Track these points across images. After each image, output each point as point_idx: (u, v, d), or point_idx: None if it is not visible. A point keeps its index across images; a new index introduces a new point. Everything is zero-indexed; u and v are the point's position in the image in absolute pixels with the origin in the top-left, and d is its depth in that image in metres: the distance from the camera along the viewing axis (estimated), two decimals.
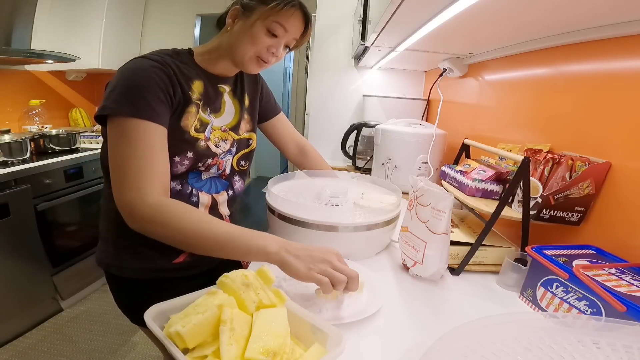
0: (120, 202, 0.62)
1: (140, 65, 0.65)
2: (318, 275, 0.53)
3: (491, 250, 0.76)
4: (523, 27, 0.84)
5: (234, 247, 0.59)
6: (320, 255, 0.56)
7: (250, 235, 0.59)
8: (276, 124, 1.01)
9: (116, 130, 0.63)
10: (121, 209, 0.62)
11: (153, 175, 0.62)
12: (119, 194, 0.62)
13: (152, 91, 0.63)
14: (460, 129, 1.39)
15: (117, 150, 0.62)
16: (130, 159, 0.61)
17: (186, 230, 0.60)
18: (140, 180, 0.61)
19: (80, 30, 2.38)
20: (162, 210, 0.60)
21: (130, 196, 0.61)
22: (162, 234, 0.61)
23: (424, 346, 0.39)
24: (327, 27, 1.97)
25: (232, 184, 0.84)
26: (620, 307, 0.48)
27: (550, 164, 0.75)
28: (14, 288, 1.61)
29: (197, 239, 0.60)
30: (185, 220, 0.60)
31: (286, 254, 0.56)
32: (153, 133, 0.63)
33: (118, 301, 0.81)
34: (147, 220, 0.61)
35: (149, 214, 0.60)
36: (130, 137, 0.62)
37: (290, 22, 0.70)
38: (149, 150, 0.62)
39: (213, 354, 0.40)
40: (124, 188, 0.61)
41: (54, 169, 1.79)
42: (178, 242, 0.62)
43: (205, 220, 0.62)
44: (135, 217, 0.61)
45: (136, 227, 0.62)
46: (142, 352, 1.64)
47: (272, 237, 0.59)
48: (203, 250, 0.61)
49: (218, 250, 0.60)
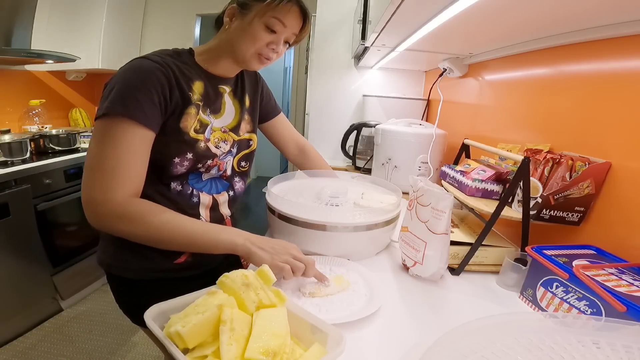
0: (87, 198, 0.62)
1: (139, 65, 0.65)
2: (280, 264, 0.61)
3: (491, 250, 0.76)
4: (523, 27, 0.84)
5: (204, 242, 0.64)
6: (281, 248, 0.64)
7: (218, 230, 0.65)
8: (276, 125, 1.01)
9: (102, 128, 0.62)
10: (85, 205, 0.62)
11: (125, 177, 0.62)
12: (87, 190, 0.62)
13: (146, 93, 0.63)
14: (460, 129, 1.39)
15: (95, 149, 0.62)
16: (107, 160, 0.61)
17: (156, 226, 0.62)
18: (111, 181, 0.61)
19: (80, 30, 2.38)
20: (130, 207, 0.61)
21: (98, 194, 0.61)
22: (130, 231, 0.62)
23: (424, 346, 0.39)
24: (327, 27, 1.97)
25: (232, 185, 0.84)
26: (620, 307, 0.48)
27: (550, 164, 0.75)
28: (14, 288, 1.61)
29: (167, 235, 0.63)
30: (154, 217, 0.62)
31: (251, 245, 0.63)
32: (136, 136, 0.63)
33: (119, 301, 0.81)
34: (114, 217, 0.61)
35: (117, 211, 0.61)
36: (112, 137, 0.61)
37: (288, 17, 0.70)
38: (129, 153, 0.62)
39: (213, 354, 0.40)
40: (94, 186, 0.61)
41: (54, 169, 1.79)
42: (147, 238, 0.63)
43: (174, 216, 0.64)
44: (100, 214, 0.62)
45: (100, 225, 0.63)
46: (142, 352, 1.64)
47: (237, 230, 0.67)
48: (172, 245, 0.65)
49: (187, 245, 0.65)
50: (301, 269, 0.62)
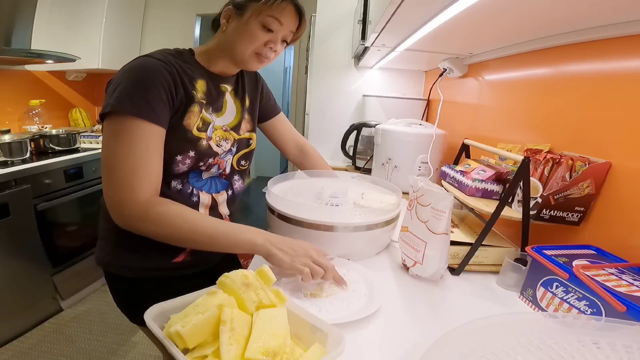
0: (111, 201, 0.63)
1: (144, 64, 0.65)
2: (300, 266, 0.61)
3: (491, 250, 0.76)
4: (523, 27, 0.84)
5: (224, 241, 0.64)
6: (301, 250, 0.63)
7: (238, 230, 0.65)
8: (276, 124, 1.01)
9: (113, 128, 0.62)
10: (111, 207, 0.63)
11: (146, 176, 0.63)
12: (110, 192, 0.63)
13: (154, 91, 0.63)
14: (460, 129, 1.39)
15: (112, 149, 0.62)
16: (125, 159, 0.61)
17: (179, 227, 0.63)
18: (133, 180, 0.61)
19: (80, 30, 2.38)
20: (154, 208, 0.62)
21: (122, 195, 0.62)
22: (154, 231, 0.63)
23: (424, 346, 0.39)
24: (327, 27, 1.96)
25: (231, 184, 0.84)
26: (620, 307, 0.48)
27: (550, 164, 0.75)
28: (14, 288, 1.61)
29: (190, 235, 0.64)
30: (177, 217, 0.63)
31: (271, 246, 0.63)
32: (150, 134, 0.63)
33: (117, 300, 0.81)
34: (138, 219, 0.62)
35: (141, 212, 0.62)
36: (127, 136, 0.62)
37: (284, 15, 0.70)
38: (145, 151, 0.63)
39: (213, 354, 0.40)
40: (116, 187, 0.62)
41: (54, 169, 1.78)
42: (170, 238, 0.64)
43: (196, 216, 0.66)
44: (126, 216, 0.63)
45: (126, 226, 0.64)
46: (142, 352, 1.64)
47: (257, 230, 0.66)
48: (194, 245, 0.66)
49: (208, 245, 0.65)
50: (320, 274, 0.61)
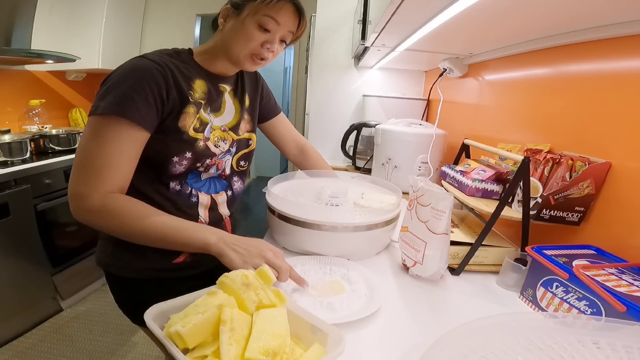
0: (71, 192, 0.63)
1: (136, 65, 0.65)
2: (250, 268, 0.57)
3: (491, 250, 0.76)
4: (523, 27, 0.84)
5: (176, 239, 0.63)
6: (256, 250, 0.61)
7: (191, 228, 0.64)
8: (276, 124, 1.01)
9: (95, 124, 0.62)
10: (70, 198, 0.63)
11: (110, 177, 0.62)
12: (73, 184, 0.63)
13: (141, 92, 0.63)
14: (460, 129, 1.39)
15: (85, 144, 0.62)
16: (95, 157, 0.62)
17: (129, 222, 0.62)
18: (95, 178, 0.62)
19: (80, 30, 2.38)
20: (107, 202, 0.62)
21: (82, 189, 0.62)
22: (106, 226, 0.64)
23: (424, 346, 0.39)
24: (327, 27, 1.96)
25: (231, 185, 0.84)
26: (620, 307, 0.48)
27: (550, 164, 0.75)
28: (14, 288, 1.61)
29: (140, 231, 0.63)
30: (128, 213, 0.63)
31: (224, 245, 0.61)
32: (128, 136, 0.63)
33: (118, 301, 0.81)
34: (92, 212, 0.62)
35: (95, 206, 0.62)
36: (104, 134, 0.62)
37: (281, 14, 0.69)
38: (118, 153, 0.62)
39: (213, 354, 0.40)
40: (79, 181, 0.62)
41: (54, 169, 1.79)
42: (122, 234, 0.64)
43: (149, 213, 0.64)
44: (81, 208, 0.62)
45: (81, 219, 0.63)
46: (142, 352, 1.64)
47: (211, 229, 0.64)
48: (146, 241, 0.64)
49: (160, 242, 0.64)
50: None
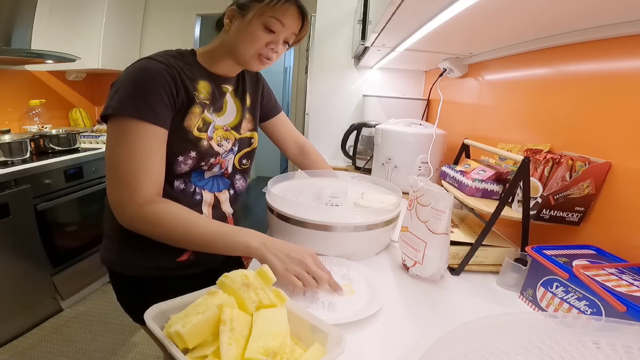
0: (112, 200, 0.64)
1: (145, 66, 0.66)
2: (293, 277, 0.59)
3: (491, 250, 0.76)
4: (523, 27, 0.84)
5: (219, 243, 0.64)
6: (297, 257, 0.61)
7: (233, 232, 0.65)
8: (277, 124, 1.02)
9: (116, 130, 0.64)
10: (113, 207, 0.65)
11: (147, 178, 0.64)
12: (112, 193, 0.64)
13: (155, 93, 0.64)
14: (460, 129, 1.39)
15: (115, 151, 0.64)
16: (127, 161, 0.63)
17: (174, 227, 0.64)
18: (134, 182, 0.63)
19: (80, 30, 2.38)
20: (150, 207, 0.63)
21: (123, 196, 0.63)
22: (151, 232, 0.65)
23: (423, 346, 0.39)
24: (327, 27, 1.96)
25: (233, 183, 0.85)
26: (620, 307, 0.48)
27: (550, 164, 0.75)
28: (14, 288, 1.61)
29: (184, 236, 0.64)
30: (172, 218, 0.64)
31: (266, 250, 0.62)
32: (152, 136, 0.64)
33: (120, 300, 0.81)
34: (137, 220, 0.64)
35: (140, 213, 0.63)
36: (130, 138, 0.63)
37: (286, 16, 0.71)
38: (147, 153, 0.64)
39: (213, 354, 0.40)
40: (117, 188, 0.64)
41: (54, 169, 1.79)
42: (166, 238, 0.65)
43: (193, 218, 0.65)
44: (127, 216, 0.64)
45: (128, 226, 0.65)
46: (142, 352, 1.64)
47: (253, 233, 0.65)
48: (189, 245, 0.66)
49: (203, 246, 0.65)
50: (312, 286, 0.60)
